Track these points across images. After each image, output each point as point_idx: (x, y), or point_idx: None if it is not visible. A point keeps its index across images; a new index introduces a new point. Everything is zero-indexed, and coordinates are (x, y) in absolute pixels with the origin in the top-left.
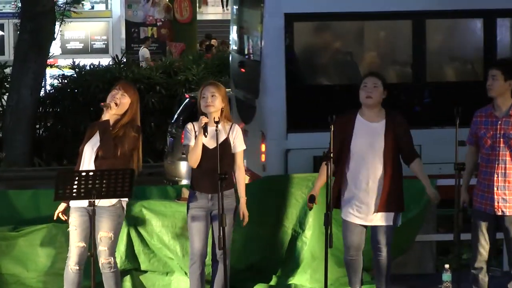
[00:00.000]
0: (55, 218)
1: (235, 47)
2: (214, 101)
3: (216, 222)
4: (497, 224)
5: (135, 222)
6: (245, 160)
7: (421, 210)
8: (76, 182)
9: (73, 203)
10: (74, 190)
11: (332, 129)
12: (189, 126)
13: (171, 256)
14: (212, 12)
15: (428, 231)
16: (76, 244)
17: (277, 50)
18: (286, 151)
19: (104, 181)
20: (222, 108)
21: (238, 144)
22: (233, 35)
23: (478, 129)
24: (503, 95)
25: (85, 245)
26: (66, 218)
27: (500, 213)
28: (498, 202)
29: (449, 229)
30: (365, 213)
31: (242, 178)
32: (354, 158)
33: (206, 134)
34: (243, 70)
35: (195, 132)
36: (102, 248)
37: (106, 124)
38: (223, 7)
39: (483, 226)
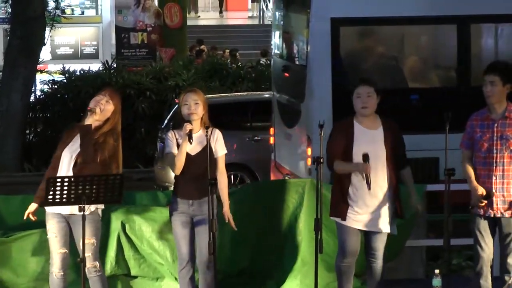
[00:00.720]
0: (25, 218)
1: (277, 52)
2: (197, 109)
3: (199, 228)
4: (496, 227)
5: (125, 227)
6: (288, 165)
7: (412, 215)
8: (66, 188)
9: (50, 209)
10: (64, 196)
11: (322, 134)
12: (170, 134)
13: (161, 261)
14: (203, 18)
15: (418, 236)
16: (57, 250)
17: (323, 54)
18: None
19: (94, 187)
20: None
21: (219, 149)
22: (276, 40)
23: (474, 132)
24: (500, 98)
25: (66, 250)
26: (36, 218)
27: (499, 215)
28: (497, 204)
29: (439, 235)
30: (366, 218)
31: (224, 183)
32: None
33: (191, 141)
34: (287, 74)
35: (176, 139)
36: (86, 254)
37: (87, 128)
38: (220, 12)
39: (483, 230)
